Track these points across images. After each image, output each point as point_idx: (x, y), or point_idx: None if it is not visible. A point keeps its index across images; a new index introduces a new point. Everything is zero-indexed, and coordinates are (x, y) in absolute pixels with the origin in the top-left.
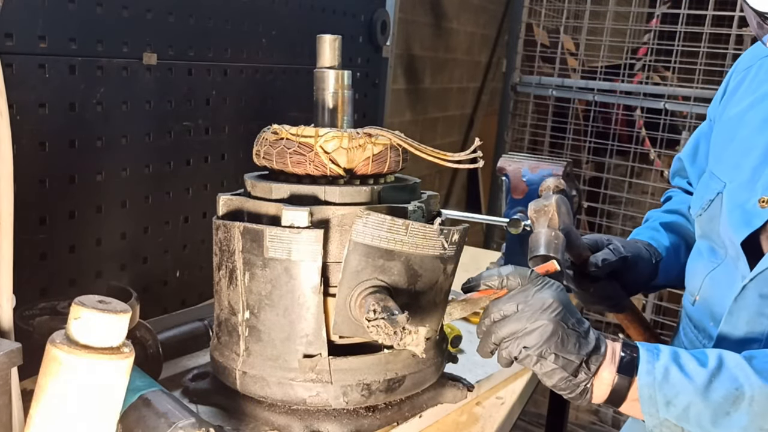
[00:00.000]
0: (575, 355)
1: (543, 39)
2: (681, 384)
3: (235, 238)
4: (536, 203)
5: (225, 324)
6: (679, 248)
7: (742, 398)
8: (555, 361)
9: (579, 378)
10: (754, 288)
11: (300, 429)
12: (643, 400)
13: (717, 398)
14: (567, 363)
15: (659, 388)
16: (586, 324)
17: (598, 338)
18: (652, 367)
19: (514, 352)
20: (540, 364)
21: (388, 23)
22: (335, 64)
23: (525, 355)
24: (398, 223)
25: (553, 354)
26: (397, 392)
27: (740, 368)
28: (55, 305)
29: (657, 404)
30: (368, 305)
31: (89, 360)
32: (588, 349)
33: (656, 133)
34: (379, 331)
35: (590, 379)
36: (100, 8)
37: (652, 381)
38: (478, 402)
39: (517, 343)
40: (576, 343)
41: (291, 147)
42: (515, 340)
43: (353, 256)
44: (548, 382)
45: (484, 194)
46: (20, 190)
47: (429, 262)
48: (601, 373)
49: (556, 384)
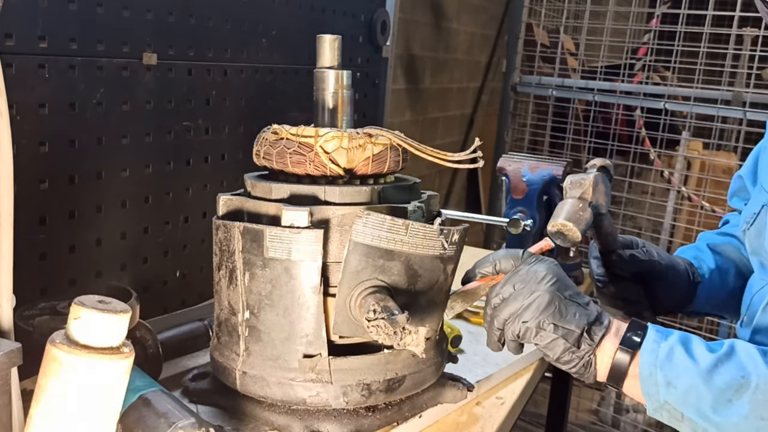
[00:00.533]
0: (575, 324)
1: (543, 39)
2: (684, 365)
3: (235, 238)
4: (574, 176)
5: (225, 324)
6: (728, 272)
7: (747, 386)
8: (555, 331)
9: (582, 349)
10: None
11: (300, 429)
12: (643, 377)
13: (720, 383)
14: (567, 332)
15: (661, 367)
16: (586, 298)
17: (600, 312)
18: (657, 345)
19: (516, 329)
20: (540, 336)
21: (388, 23)
22: (335, 64)
23: (525, 329)
24: (398, 223)
25: (552, 324)
26: (397, 392)
27: (750, 358)
28: (55, 305)
29: (657, 384)
30: (368, 305)
31: (89, 360)
32: (589, 319)
33: (656, 133)
34: (379, 331)
35: (593, 349)
36: (100, 8)
37: (654, 359)
38: (478, 402)
39: (518, 321)
40: (575, 313)
41: (291, 147)
42: (515, 318)
43: (353, 256)
44: (551, 354)
45: (484, 194)
46: (20, 190)
47: (429, 262)
48: (604, 344)
49: (560, 357)
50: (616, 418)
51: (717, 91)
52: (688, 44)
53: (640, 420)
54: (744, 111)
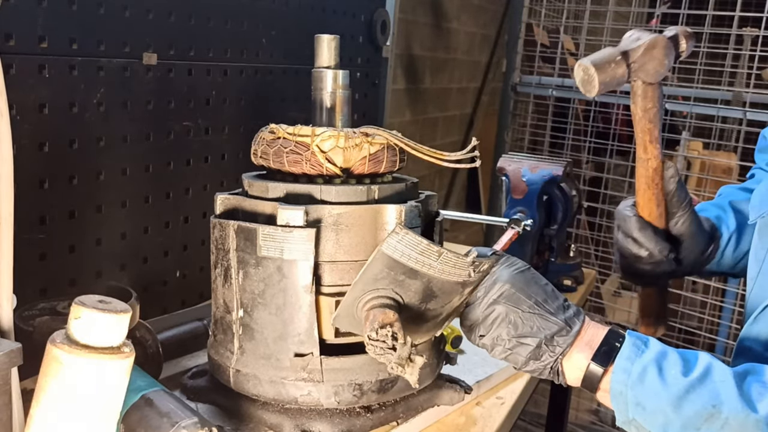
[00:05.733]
0: (530, 337)
1: (543, 39)
2: (655, 389)
3: (229, 236)
4: (639, 31)
5: (220, 322)
6: (748, 233)
7: (717, 417)
8: (509, 344)
9: (544, 360)
10: None
11: (291, 428)
12: (614, 394)
13: (689, 412)
14: (522, 346)
15: (632, 387)
16: (556, 303)
17: (569, 319)
18: (630, 364)
19: (476, 341)
20: (495, 351)
21: (388, 23)
22: (333, 63)
23: (481, 345)
24: (433, 249)
25: (506, 339)
26: (389, 393)
27: (725, 385)
28: (55, 305)
29: (627, 402)
30: (373, 320)
31: (89, 360)
32: (549, 331)
33: None
34: (376, 351)
35: (557, 359)
36: (101, 9)
37: (626, 378)
38: (478, 402)
39: (474, 335)
40: (532, 326)
41: (288, 146)
42: (472, 333)
43: (377, 264)
44: (515, 366)
45: (484, 194)
46: (20, 190)
47: (449, 286)
48: (573, 354)
49: (522, 368)
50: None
51: (717, 91)
52: None
53: None
54: (744, 111)
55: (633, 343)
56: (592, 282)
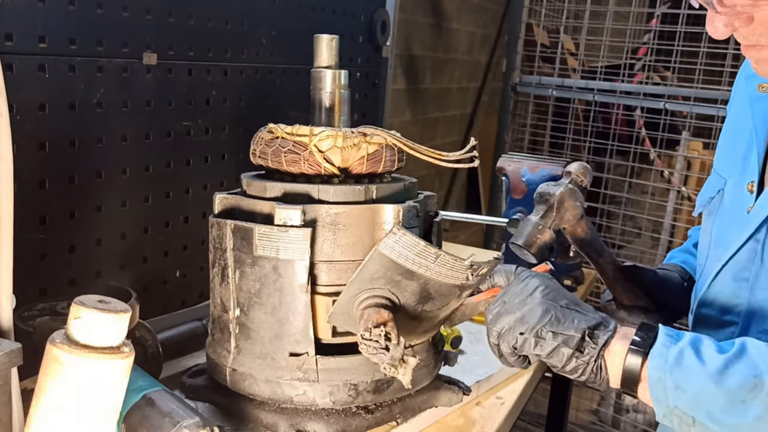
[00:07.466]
0: (573, 329)
1: (543, 39)
2: (694, 369)
3: (226, 235)
4: (543, 186)
5: (218, 321)
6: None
7: (761, 387)
8: (554, 339)
9: (587, 353)
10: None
11: (286, 427)
12: (651, 383)
13: (732, 385)
14: (567, 338)
15: (670, 371)
16: (587, 306)
17: (605, 317)
18: (666, 349)
19: (512, 341)
20: (540, 346)
21: (388, 23)
22: (332, 63)
23: (523, 341)
24: (430, 251)
25: (550, 332)
26: (385, 393)
27: (762, 356)
28: (55, 305)
29: (666, 388)
30: (368, 319)
31: (89, 360)
32: (590, 323)
33: (656, 133)
34: (369, 351)
35: (599, 351)
36: (100, 9)
37: (663, 363)
38: (478, 402)
39: (513, 333)
40: (574, 319)
41: (286, 146)
42: (509, 331)
43: (374, 264)
44: (557, 363)
45: (484, 194)
46: (20, 190)
47: (447, 289)
48: (613, 346)
49: (566, 364)
50: (616, 418)
51: (717, 91)
52: (688, 44)
53: (640, 420)
54: None
55: (667, 333)
56: (592, 282)
